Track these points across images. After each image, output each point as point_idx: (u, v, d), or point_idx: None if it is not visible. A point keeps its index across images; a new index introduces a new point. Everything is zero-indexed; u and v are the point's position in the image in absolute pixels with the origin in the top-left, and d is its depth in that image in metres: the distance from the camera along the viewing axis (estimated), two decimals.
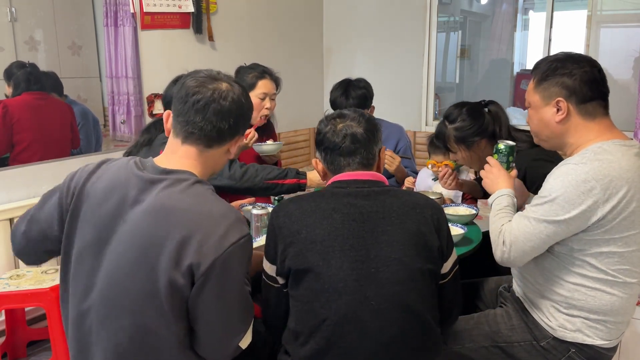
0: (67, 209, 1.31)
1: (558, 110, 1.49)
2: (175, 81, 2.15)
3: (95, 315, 1.27)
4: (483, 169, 1.81)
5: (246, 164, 2.17)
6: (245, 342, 1.29)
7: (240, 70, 2.45)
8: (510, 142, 1.72)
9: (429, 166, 2.35)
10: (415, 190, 2.28)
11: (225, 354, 1.29)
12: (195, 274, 1.18)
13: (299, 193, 2.12)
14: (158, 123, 2.18)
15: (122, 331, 1.24)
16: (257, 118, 2.41)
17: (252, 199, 1.98)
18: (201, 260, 1.17)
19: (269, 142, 2.47)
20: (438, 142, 2.12)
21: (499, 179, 1.64)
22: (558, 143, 1.55)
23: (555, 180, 1.42)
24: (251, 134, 2.27)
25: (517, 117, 3.71)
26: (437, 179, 2.30)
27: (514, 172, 1.71)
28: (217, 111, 1.28)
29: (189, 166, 1.29)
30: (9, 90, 2.62)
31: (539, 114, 1.54)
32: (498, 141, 1.75)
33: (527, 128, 1.76)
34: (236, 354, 1.30)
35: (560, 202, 1.40)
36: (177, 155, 1.31)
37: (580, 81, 1.46)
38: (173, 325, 1.23)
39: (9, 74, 2.61)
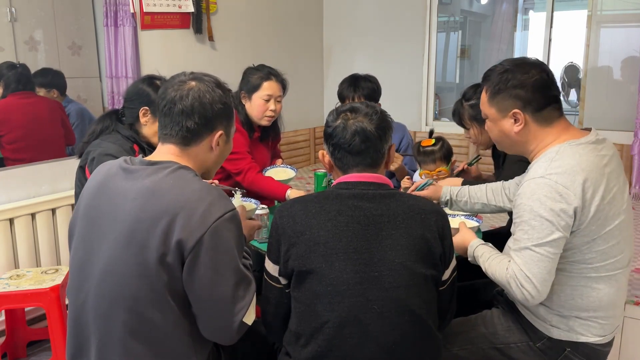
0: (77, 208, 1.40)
1: (516, 121, 1.50)
2: (145, 80, 2.03)
3: (91, 306, 1.29)
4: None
5: None
6: (249, 317, 1.30)
7: (246, 72, 2.44)
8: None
9: (422, 177, 2.33)
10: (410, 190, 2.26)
11: (231, 332, 1.29)
12: (184, 251, 1.21)
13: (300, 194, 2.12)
14: (113, 114, 2.06)
15: (117, 320, 1.25)
16: (261, 120, 2.40)
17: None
18: (188, 237, 1.21)
19: (282, 166, 2.42)
20: (455, 119, 2.23)
21: (463, 237, 1.67)
22: (520, 150, 1.57)
23: (529, 200, 1.41)
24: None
25: None
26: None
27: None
28: (179, 111, 1.33)
29: (173, 160, 1.34)
30: None
31: (498, 126, 1.55)
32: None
33: None
34: (242, 332, 1.31)
35: (544, 222, 1.39)
36: (160, 152, 1.37)
37: (533, 91, 1.47)
38: (167, 310, 1.24)
39: None
